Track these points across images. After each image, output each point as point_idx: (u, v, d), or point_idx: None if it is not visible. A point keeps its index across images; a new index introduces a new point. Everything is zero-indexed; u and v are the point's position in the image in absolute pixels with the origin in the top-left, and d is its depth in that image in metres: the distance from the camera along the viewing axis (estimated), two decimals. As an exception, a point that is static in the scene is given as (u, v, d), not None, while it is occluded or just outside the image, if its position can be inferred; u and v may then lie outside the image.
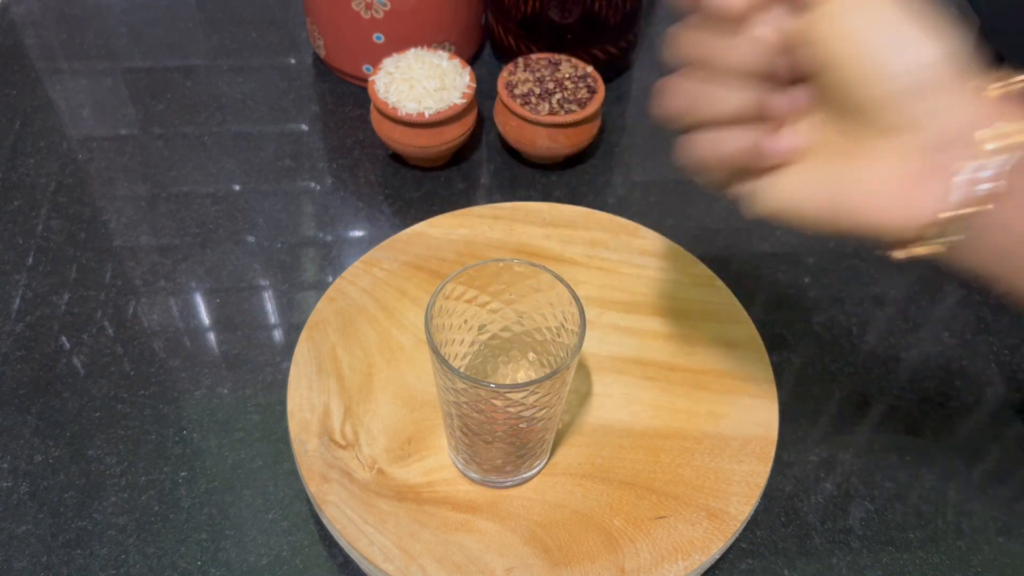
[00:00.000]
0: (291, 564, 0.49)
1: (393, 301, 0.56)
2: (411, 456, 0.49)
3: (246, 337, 0.58)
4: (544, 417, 0.43)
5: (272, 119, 0.72)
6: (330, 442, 0.49)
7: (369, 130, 0.71)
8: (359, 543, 0.46)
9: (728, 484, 0.48)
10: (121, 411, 0.55)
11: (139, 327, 0.59)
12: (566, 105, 0.65)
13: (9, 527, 0.50)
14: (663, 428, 0.51)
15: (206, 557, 0.49)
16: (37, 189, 0.66)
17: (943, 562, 0.50)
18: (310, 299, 0.60)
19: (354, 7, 0.68)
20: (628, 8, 0.71)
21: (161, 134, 0.71)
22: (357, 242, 0.64)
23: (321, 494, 0.47)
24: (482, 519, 0.47)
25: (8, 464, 0.52)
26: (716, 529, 0.47)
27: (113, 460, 0.52)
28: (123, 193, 0.67)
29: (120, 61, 0.76)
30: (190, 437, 0.54)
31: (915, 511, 0.52)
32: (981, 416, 0.56)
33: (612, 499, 0.48)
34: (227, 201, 0.66)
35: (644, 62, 0.79)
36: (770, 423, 0.51)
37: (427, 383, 0.52)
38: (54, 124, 0.71)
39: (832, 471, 0.54)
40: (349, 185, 0.68)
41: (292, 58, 0.77)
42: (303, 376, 0.52)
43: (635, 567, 0.45)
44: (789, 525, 0.51)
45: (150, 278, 0.61)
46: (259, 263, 0.63)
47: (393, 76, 0.64)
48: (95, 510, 0.51)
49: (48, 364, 0.57)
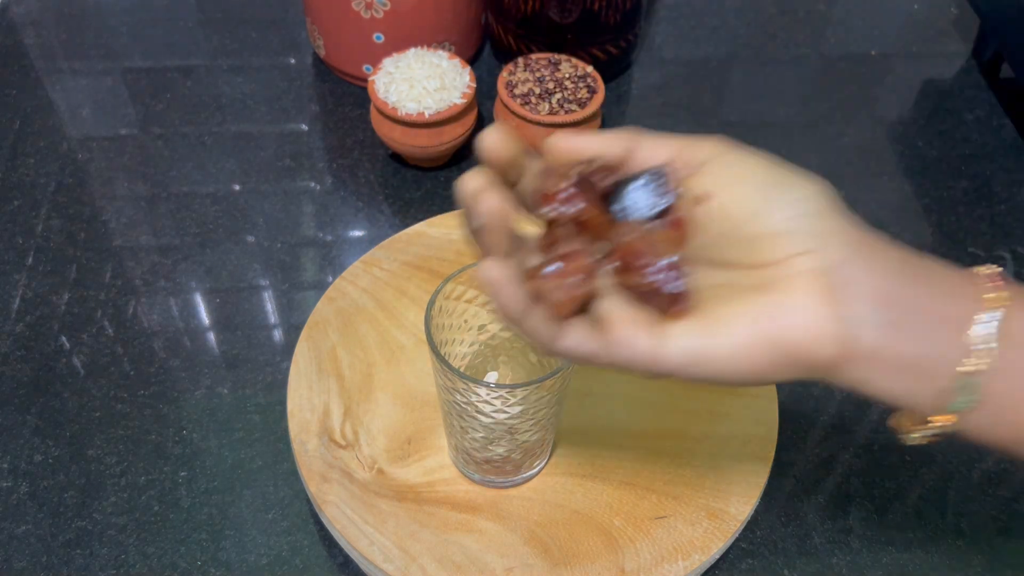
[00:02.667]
0: (291, 564, 0.49)
1: (393, 301, 0.56)
2: (411, 456, 0.49)
3: (246, 337, 0.58)
4: (544, 417, 0.43)
5: (272, 119, 0.72)
6: (330, 442, 0.49)
7: (369, 130, 0.71)
8: (359, 543, 0.46)
9: (728, 484, 0.48)
10: (121, 411, 0.55)
11: (139, 327, 0.59)
12: (566, 105, 0.65)
13: (9, 527, 0.50)
14: (663, 428, 0.51)
15: (206, 557, 0.49)
16: (37, 189, 0.66)
17: (943, 562, 0.50)
18: (310, 299, 0.60)
19: (354, 7, 0.68)
20: (628, 8, 0.71)
21: (161, 134, 0.71)
22: (357, 242, 0.64)
23: (321, 494, 0.47)
24: (482, 519, 0.47)
25: (8, 464, 0.52)
26: (716, 529, 0.47)
27: (113, 460, 0.52)
28: (123, 193, 0.67)
29: (120, 61, 0.76)
30: (190, 437, 0.54)
31: (915, 511, 0.52)
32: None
33: (612, 499, 0.48)
34: (227, 201, 0.66)
35: (644, 62, 0.79)
36: (770, 423, 0.51)
37: (427, 383, 0.52)
38: (54, 124, 0.71)
39: (832, 471, 0.54)
40: (349, 185, 0.68)
41: (292, 58, 0.77)
42: (303, 376, 0.52)
43: (635, 567, 0.45)
44: (789, 525, 0.51)
45: (150, 278, 0.61)
46: (259, 263, 0.63)
47: (393, 76, 0.64)
48: (95, 510, 0.51)
49: (48, 364, 0.57)
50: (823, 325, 0.29)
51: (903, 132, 0.74)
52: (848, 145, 0.73)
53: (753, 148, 0.32)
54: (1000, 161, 0.72)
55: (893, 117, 0.75)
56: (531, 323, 0.30)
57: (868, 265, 0.30)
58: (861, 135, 0.74)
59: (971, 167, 0.71)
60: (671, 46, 0.81)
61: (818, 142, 0.73)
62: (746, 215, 0.30)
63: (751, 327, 0.29)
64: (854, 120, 0.75)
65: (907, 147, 0.73)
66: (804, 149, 0.72)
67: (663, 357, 0.30)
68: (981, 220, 0.68)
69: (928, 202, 0.69)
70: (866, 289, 0.29)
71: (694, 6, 0.84)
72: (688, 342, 0.30)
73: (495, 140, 0.31)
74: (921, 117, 0.75)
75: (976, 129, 0.74)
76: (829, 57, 0.80)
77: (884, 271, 0.30)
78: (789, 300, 0.29)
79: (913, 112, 0.76)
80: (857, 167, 0.71)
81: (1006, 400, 0.30)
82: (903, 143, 0.73)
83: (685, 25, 0.83)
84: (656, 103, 0.75)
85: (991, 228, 0.67)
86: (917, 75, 0.79)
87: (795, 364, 0.30)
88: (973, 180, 0.70)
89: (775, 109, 0.75)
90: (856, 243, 0.30)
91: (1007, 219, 0.68)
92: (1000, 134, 0.74)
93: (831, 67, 0.79)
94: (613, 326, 0.30)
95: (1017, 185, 0.70)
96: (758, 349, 0.29)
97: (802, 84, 0.78)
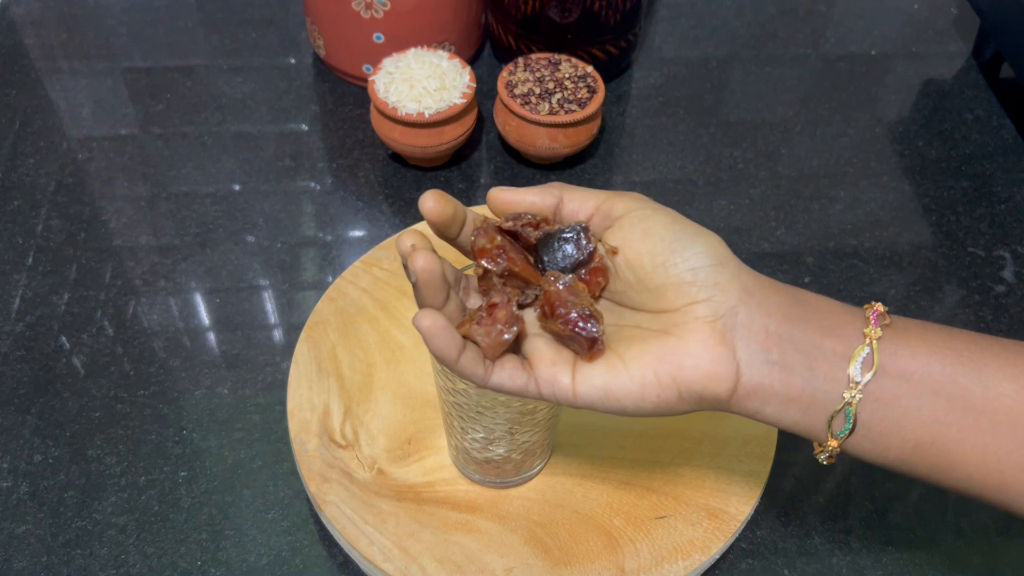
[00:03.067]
0: (291, 564, 0.49)
1: (393, 301, 0.56)
2: (411, 456, 0.49)
3: (246, 337, 0.59)
4: (544, 417, 0.43)
5: (272, 119, 0.72)
6: (330, 442, 0.49)
7: (369, 130, 0.71)
8: (359, 543, 0.46)
9: (728, 484, 0.48)
10: (121, 411, 0.55)
11: (139, 327, 0.59)
12: (566, 105, 0.64)
13: (9, 527, 0.50)
14: (663, 428, 0.51)
15: (206, 557, 0.49)
16: (37, 189, 0.66)
17: (943, 562, 0.50)
18: (310, 299, 0.60)
19: (354, 7, 0.68)
20: (628, 8, 0.71)
21: (161, 134, 0.71)
22: (357, 242, 0.64)
23: (321, 494, 0.47)
24: (482, 519, 0.47)
25: (8, 464, 0.52)
26: (716, 529, 0.47)
27: (113, 460, 0.52)
28: (123, 193, 0.67)
29: (120, 61, 0.76)
30: (190, 437, 0.54)
31: (915, 511, 0.52)
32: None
33: (612, 499, 0.48)
34: (227, 201, 0.66)
35: (644, 62, 0.79)
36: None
37: (427, 383, 0.52)
38: (54, 124, 0.71)
39: (832, 471, 0.54)
40: (349, 185, 0.68)
41: (292, 58, 0.77)
42: (303, 376, 0.52)
43: (635, 567, 0.45)
44: (789, 525, 0.51)
45: (150, 278, 0.61)
46: (259, 263, 0.63)
47: (393, 76, 0.64)
48: (95, 510, 0.51)
49: (48, 364, 0.57)
50: (717, 365, 0.33)
51: (903, 132, 0.74)
52: (848, 145, 0.73)
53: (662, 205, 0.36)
54: (1000, 161, 0.72)
55: (893, 117, 0.75)
56: (463, 364, 0.34)
57: (759, 309, 0.34)
58: (861, 135, 0.74)
59: (971, 167, 0.71)
60: (671, 46, 0.81)
61: (818, 142, 0.73)
62: (653, 266, 0.34)
63: (654, 367, 0.34)
64: (854, 120, 0.75)
65: (907, 147, 0.73)
66: (804, 149, 0.72)
67: (581, 394, 0.34)
68: (981, 220, 0.68)
69: (928, 202, 0.69)
70: (756, 330, 0.34)
71: (694, 6, 0.84)
72: (601, 381, 0.34)
73: (433, 204, 0.35)
74: (921, 117, 0.75)
75: (976, 129, 0.74)
76: (829, 57, 0.80)
77: (774, 313, 0.34)
78: (687, 343, 0.34)
79: (913, 112, 0.76)
80: (857, 167, 0.71)
81: (879, 427, 0.34)
82: (903, 143, 0.73)
83: (685, 25, 0.83)
84: (656, 103, 0.75)
85: (991, 228, 0.67)
86: (917, 75, 0.79)
87: (694, 398, 0.34)
88: (973, 180, 0.70)
89: (775, 109, 0.75)
90: (749, 289, 0.34)
91: (1007, 219, 0.68)
92: (1000, 134, 0.74)
93: (831, 67, 0.79)
94: (537, 365, 0.35)
95: (1017, 185, 0.70)
96: (661, 386, 0.33)
97: (802, 84, 0.78)
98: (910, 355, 0.34)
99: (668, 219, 0.35)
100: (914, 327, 0.35)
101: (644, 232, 0.35)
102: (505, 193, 0.37)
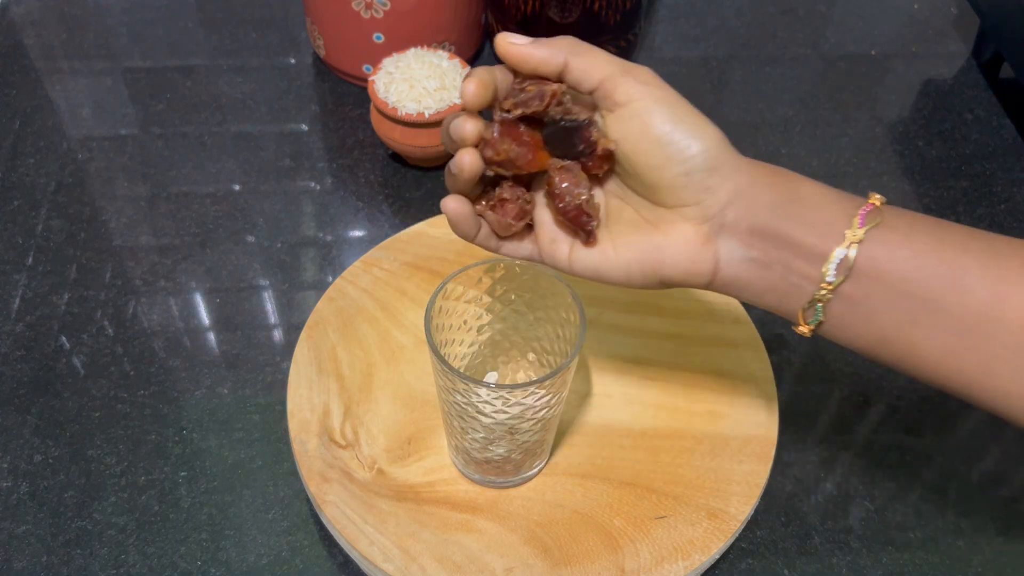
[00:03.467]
0: (291, 564, 0.49)
1: (393, 301, 0.56)
2: (411, 456, 0.49)
3: (246, 337, 0.59)
4: (544, 417, 0.43)
5: (272, 119, 0.72)
6: (330, 442, 0.49)
7: (369, 130, 0.71)
8: (359, 543, 0.46)
9: (728, 484, 0.48)
10: (121, 411, 0.55)
11: (139, 327, 0.59)
12: (566, 105, 0.64)
13: (9, 527, 0.50)
14: (663, 428, 0.51)
15: (206, 557, 0.49)
16: (37, 189, 0.66)
17: (943, 562, 0.50)
18: (310, 299, 0.60)
19: (354, 7, 0.68)
20: (628, 7, 0.71)
21: (161, 134, 0.71)
22: (357, 242, 0.64)
23: (321, 494, 0.47)
24: (482, 519, 0.47)
25: (8, 464, 0.52)
26: (716, 529, 0.47)
27: (113, 460, 0.52)
28: (123, 193, 0.67)
29: (120, 61, 0.76)
30: (190, 437, 0.54)
31: (915, 511, 0.52)
32: (981, 416, 0.56)
33: (612, 499, 0.48)
34: (227, 201, 0.66)
35: (644, 62, 0.79)
36: (770, 423, 0.51)
37: (427, 383, 0.52)
38: (54, 124, 0.71)
39: (832, 471, 0.54)
40: (349, 185, 0.68)
41: (292, 58, 0.77)
42: (303, 376, 0.52)
43: (635, 567, 0.45)
44: (789, 525, 0.51)
45: (150, 278, 0.61)
46: (259, 263, 0.63)
47: (393, 76, 0.64)
48: (95, 510, 0.51)
49: (48, 364, 0.57)
50: (695, 263, 0.37)
51: (903, 132, 0.74)
52: (848, 145, 0.73)
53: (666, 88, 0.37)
54: (1000, 161, 0.72)
55: (893, 117, 0.75)
56: (479, 241, 0.40)
57: (748, 209, 0.36)
58: (861, 135, 0.74)
59: (971, 167, 0.71)
60: (671, 46, 0.81)
61: (818, 142, 0.73)
62: (649, 167, 0.36)
63: (639, 258, 0.38)
64: (854, 120, 0.75)
65: (907, 147, 0.73)
66: (804, 149, 0.72)
67: (576, 268, 0.40)
68: (981, 220, 0.68)
69: (928, 202, 0.69)
70: (741, 229, 0.36)
71: (694, 6, 0.84)
72: (592, 262, 0.39)
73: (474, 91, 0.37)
74: (921, 117, 0.75)
75: (976, 129, 0.74)
76: (829, 57, 0.80)
77: (761, 212, 0.36)
78: (671, 241, 0.37)
79: (913, 112, 0.76)
80: (857, 167, 0.71)
81: (847, 320, 0.36)
82: (903, 143, 0.73)
83: (685, 25, 0.83)
84: (656, 103, 0.75)
85: (991, 228, 0.67)
86: (917, 75, 0.79)
87: (673, 284, 0.38)
88: (973, 180, 0.70)
89: (775, 109, 0.75)
90: (741, 190, 0.36)
91: (1007, 219, 0.68)
92: (1000, 134, 0.74)
93: (831, 67, 0.79)
94: (541, 239, 0.40)
95: (1017, 185, 0.70)
96: (644, 275, 0.38)
97: (802, 84, 0.78)
98: (889, 257, 0.35)
99: (668, 113, 0.36)
100: (904, 225, 0.35)
101: (642, 130, 0.36)
102: (514, 47, 0.37)
